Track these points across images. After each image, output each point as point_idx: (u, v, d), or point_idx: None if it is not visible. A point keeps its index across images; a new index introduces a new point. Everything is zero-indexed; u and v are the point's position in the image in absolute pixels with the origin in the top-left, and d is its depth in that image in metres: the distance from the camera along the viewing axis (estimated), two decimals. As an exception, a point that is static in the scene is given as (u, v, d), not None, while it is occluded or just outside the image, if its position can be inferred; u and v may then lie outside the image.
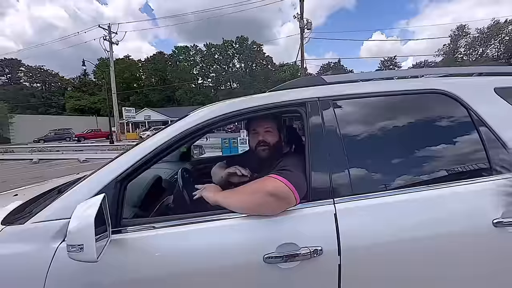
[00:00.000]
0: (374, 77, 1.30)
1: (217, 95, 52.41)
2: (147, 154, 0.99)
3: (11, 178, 7.77)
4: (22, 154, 14.58)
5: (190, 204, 1.19)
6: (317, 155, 1.01)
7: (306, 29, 17.84)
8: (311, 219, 0.94)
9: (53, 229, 0.88)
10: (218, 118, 1.07)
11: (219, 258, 0.90)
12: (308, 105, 1.08)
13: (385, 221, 0.95)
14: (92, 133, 32.07)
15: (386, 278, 0.94)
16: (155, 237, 0.92)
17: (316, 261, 0.89)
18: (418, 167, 1.06)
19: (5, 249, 0.87)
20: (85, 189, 0.93)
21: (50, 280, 0.84)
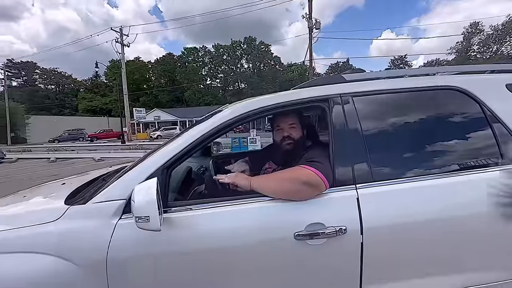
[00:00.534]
0: (390, 75, 1.40)
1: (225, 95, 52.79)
2: (188, 145, 1.12)
3: (34, 175, 8.14)
4: (40, 154, 15.15)
5: (222, 190, 1.32)
6: (340, 146, 1.12)
7: (315, 29, 17.83)
8: (336, 202, 1.06)
9: (112, 208, 1.03)
10: (249, 113, 1.19)
11: (254, 235, 1.03)
12: (331, 101, 1.19)
13: (402, 205, 1.06)
14: (104, 133, 32.88)
15: (403, 255, 1.05)
16: (192, 217, 1.05)
17: (341, 239, 1.01)
18: (431, 157, 1.16)
19: (72, 224, 1.02)
20: (138, 174, 1.07)
21: (112, 250, 0.98)
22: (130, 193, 1.01)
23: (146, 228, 0.90)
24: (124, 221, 1.01)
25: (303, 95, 1.23)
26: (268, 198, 1.08)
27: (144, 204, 0.88)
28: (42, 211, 1.14)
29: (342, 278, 1.06)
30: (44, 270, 0.96)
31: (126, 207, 1.03)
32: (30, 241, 0.99)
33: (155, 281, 1.02)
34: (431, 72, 1.44)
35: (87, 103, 51.19)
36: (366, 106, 1.21)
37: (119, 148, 16.59)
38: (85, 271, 0.97)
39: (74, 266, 0.97)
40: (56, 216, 1.03)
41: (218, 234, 1.03)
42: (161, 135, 29.54)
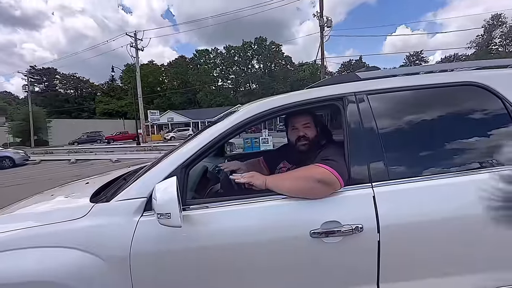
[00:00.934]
0: (405, 72, 1.38)
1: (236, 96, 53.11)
2: (205, 144, 1.15)
3: (56, 176, 8.54)
4: (61, 155, 15.84)
5: (237, 189, 1.35)
6: (355, 144, 1.12)
7: (326, 27, 17.63)
8: (352, 200, 1.06)
9: (133, 205, 1.07)
10: (263, 113, 1.21)
11: (270, 232, 1.04)
12: (346, 100, 1.19)
13: (419, 203, 1.05)
14: (120, 135, 33.93)
15: (421, 254, 1.04)
16: (210, 215, 1.09)
17: (358, 237, 1.01)
18: (450, 155, 1.13)
19: (98, 221, 1.07)
20: (158, 173, 1.11)
21: (134, 245, 1.02)
22: (150, 191, 1.06)
23: (167, 225, 0.94)
24: (146, 218, 1.06)
25: (317, 94, 1.23)
26: (283, 197, 1.10)
27: (165, 201, 0.92)
28: (70, 209, 1.21)
29: (359, 277, 1.06)
30: (72, 264, 1.02)
31: (147, 205, 1.07)
32: (59, 237, 1.06)
33: (175, 275, 1.06)
34: (449, 68, 1.41)
35: (104, 106, 53.02)
36: (382, 104, 1.20)
37: (135, 150, 17.09)
38: (110, 266, 1.02)
39: (100, 261, 1.02)
40: (83, 213, 1.09)
41: (234, 231, 1.06)
42: (175, 137, 30.14)
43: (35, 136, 31.08)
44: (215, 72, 57.53)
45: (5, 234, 1.11)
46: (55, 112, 43.97)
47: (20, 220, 1.21)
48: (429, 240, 1.03)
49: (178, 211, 0.92)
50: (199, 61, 58.26)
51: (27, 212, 1.32)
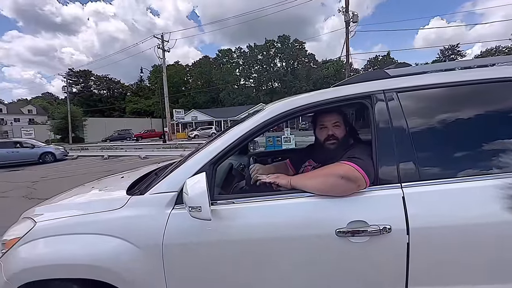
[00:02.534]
0: (439, 68, 1.31)
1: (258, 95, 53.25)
2: (233, 142, 1.19)
3: (92, 170, 9.20)
4: (95, 152, 17.00)
5: (262, 187, 1.38)
6: (384, 143, 1.10)
7: (352, 23, 17.05)
8: (379, 200, 1.04)
9: (166, 199, 1.15)
10: (290, 111, 1.22)
11: (294, 229, 1.06)
12: (374, 98, 1.16)
13: (451, 206, 1.00)
14: (147, 133, 35.63)
15: (454, 259, 0.99)
16: (236, 210, 1.12)
17: (385, 238, 0.99)
18: (485, 157, 1.06)
19: (134, 212, 1.16)
20: (188, 169, 1.17)
21: (166, 236, 1.09)
22: (181, 186, 1.12)
23: (198, 217, 0.99)
24: (177, 211, 1.12)
25: (344, 93, 1.22)
26: (308, 195, 1.10)
27: (196, 195, 0.98)
28: (109, 200, 1.32)
29: (387, 279, 1.03)
30: (111, 250, 1.12)
31: (178, 198, 1.14)
32: (100, 225, 1.16)
33: (202, 265, 1.12)
34: (489, 63, 1.31)
35: (133, 106, 55.97)
36: (413, 102, 1.15)
37: (161, 147, 17.83)
38: (145, 254, 1.10)
39: (137, 249, 1.10)
40: (121, 204, 1.18)
41: (260, 227, 1.09)
42: (198, 135, 30.96)
43: (72, 134, 33.65)
44: (237, 71, 58.14)
45: (54, 221, 1.24)
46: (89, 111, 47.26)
47: (66, 209, 1.34)
48: (461, 245, 0.98)
49: (208, 205, 0.97)
50: (222, 61, 59.23)
51: (72, 202, 1.46)
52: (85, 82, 59.43)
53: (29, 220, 1.30)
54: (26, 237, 1.21)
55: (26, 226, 1.26)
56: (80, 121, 36.32)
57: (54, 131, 34.73)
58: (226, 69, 57.17)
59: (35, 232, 1.21)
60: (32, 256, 1.18)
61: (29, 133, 25.77)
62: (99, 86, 62.01)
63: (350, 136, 1.43)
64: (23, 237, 1.21)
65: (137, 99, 57.93)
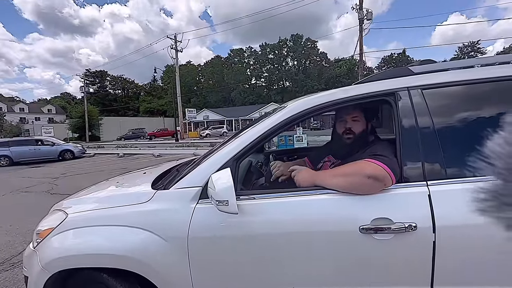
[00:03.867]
0: (462, 65, 1.28)
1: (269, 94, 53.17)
2: (255, 139, 1.21)
3: (109, 167, 9.51)
4: (111, 150, 17.53)
5: (281, 183, 1.40)
6: (408, 141, 1.09)
7: (366, 20, 16.72)
8: (405, 198, 1.03)
9: (191, 193, 1.18)
10: (310, 109, 1.22)
11: (317, 225, 1.07)
12: (398, 95, 1.15)
13: None
14: (160, 132, 36.35)
15: (481, 259, 0.97)
16: (258, 205, 1.14)
17: (411, 236, 0.98)
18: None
19: (160, 206, 1.20)
20: (212, 164, 1.21)
21: (192, 229, 1.13)
22: (205, 181, 1.15)
23: (225, 211, 1.02)
24: (202, 205, 1.15)
25: (366, 90, 1.21)
26: (329, 192, 1.10)
27: (223, 190, 1.01)
28: (136, 194, 1.37)
29: (411, 276, 1.03)
30: (139, 242, 1.16)
31: (202, 193, 1.17)
32: (128, 217, 1.21)
33: (226, 258, 1.15)
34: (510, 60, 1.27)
35: (146, 105, 57.23)
36: (438, 99, 1.13)
37: (174, 146, 18.15)
38: (172, 246, 1.14)
39: (163, 241, 1.15)
40: (148, 198, 1.23)
41: (281, 223, 1.10)
42: (210, 134, 31.30)
43: (89, 132, 34.82)
44: (248, 71, 58.27)
45: (85, 213, 1.30)
46: (105, 110, 48.74)
47: (95, 202, 1.40)
48: (490, 245, 0.96)
49: (235, 199, 1.00)
50: (233, 60, 59.52)
51: (100, 195, 1.53)
52: (101, 82, 61.36)
53: (61, 212, 1.38)
54: (59, 228, 1.28)
55: (59, 217, 1.34)
56: (96, 120, 37.57)
57: (72, 130, 36.10)
58: (237, 68, 57.44)
59: (68, 223, 1.28)
60: (64, 246, 1.24)
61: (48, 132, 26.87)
62: (114, 86, 63.87)
63: (370, 133, 1.41)
64: (56, 228, 1.29)
65: (150, 99, 59.25)
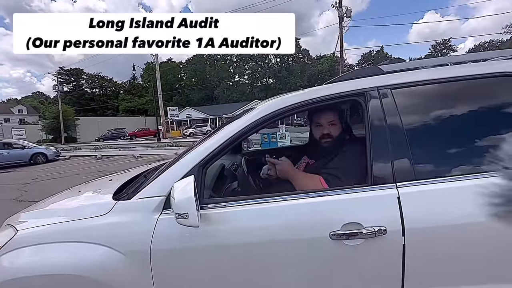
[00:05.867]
0: (433, 63, 1.28)
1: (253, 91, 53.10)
2: (222, 143, 1.14)
3: (85, 171, 9.06)
4: (88, 151, 16.76)
5: (256, 187, 1.34)
6: (378, 142, 1.06)
7: (346, 18, 17.02)
8: (374, 201, 1.01)
9: (153, 204, 1.10)
10: (282, 109, 1.17)
11: (288, 233, 1.02)
12: (368, 95, 1.13)
13: (448, 205, 0.98)
14: (142, 131, 35.28)
15: (451, 260, 0.97)
16: (228, 213, 1.08)
17: (381, 240, 0.96)
18: (479, 154, 1.04)
19: (120, 218, 1.11)
20: (176, 172, 1.12)
21: (154, 242, 1.05)
22: (169, 190, 1.07)
23: (185, 224, 0.94)
24: (165, 216, 1.07)
25: (337, 90, 1.18)
26: (301, 196, 1.07)
27: (183, 201, 0.93)
28: (95, 205, 1.26)
29: (382, 282, 1.01)
30: (97, 258, 1.07)
31: (165, 203, 1.09)
32: (86, 232, 1.10)
33: (192, 272, 1.08)
34: (482, 58, 1.29)
35: (126, 104, 55.29)
36: (407, 99, 1.12)
37: (155, 146, 17.67)
38: (132, 261, 1.06)
39: (122, 256, 1.06)
40: (107, 210, 1.13)
41: (252, 231, 1.05)
42: (193, 132, 30.79)
43: (64, 134, 33.13)
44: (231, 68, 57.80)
45: (38, 228, 1.18)
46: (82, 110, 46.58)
47: (51, 216, 1.28)
48: (459, 245, 0.96)
49: (196, 210, 0.92)
50: (216, 57, 58.70)
51: (57, 208, 1.40)
52: (76, 80, 58.36)
53: (11, 228, 1.24)
54: (7, 246, 1.15)
55: (7, 234, 1.20)
56: (72, 120, 35.77)
57: (46, 131, 34.12)
58: (220, 65, 56.73)
59: (17, 240, 1.16)
60: (14, 266, 1.12)
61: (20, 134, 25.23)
62: (91, 85, 60.98)
63: (345, 133, 1.41)
64: (4, 246, 1.15)
65: (130, 98, 57.22)
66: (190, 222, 0.93)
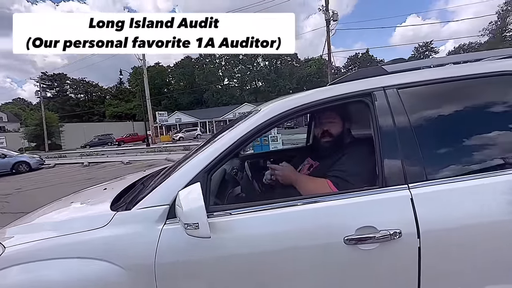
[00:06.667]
0: (434, 63, 1.29)
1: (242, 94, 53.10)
2: (228, 147, 1.10)
3: (71, 179, 8.71)
4: (74, 159, 16.19)
5: (260, 192, 1.30)
6: (387, 143, 1.04)
7: (332, 21, 17.33)
8: (387, 204, 0.98)
9: (156, 213, 1.03)
10: (286, 112, 1.14)
11: (300, 240, 0.98)
12: (374, 95, 1.11)
13: (463, 205, 0.96)
14: (130, 137, 34.48)
15: (469, 261, 0.95)
16: (234, 221, 1.02)
17: (396, 243, 0.93)
18: (491, 153, 1.04)
19: (120, 230, 1.03)
20: (180, 179, 1.06)
21: (159, 254, 0.98)
22: (173, 198, 1.01)
23: (196, 236, 0.89)
24: (169, 226, 1.01)
25: (342, 91, 1.16)
26: (310, 201, 1.03)
27: (192, 210, 0.87)
28: (91, 217, 1.18)
29: (398, 285, 0.98)
30: (96, 275, 0.99)
31: (169, 212, 1.03)
32: (82, 247, 1.02)
33: (201, 284, 1.02)
34: (473, 58, 1.31)
35: (113, 109, 53.98)
36: (414, 98, 1.11)
37: (145, 151, 17.29)
38: (135, 276, 0.98)
39: (123, 271, 0.98)
40: (105, 222, 1.05)
41: (263, 240, 1.00)
42: (183, 137, 30.39)
43: (48, 141, 31.92)
44: (220, 71, 57.64)
45: (28, 245, 1.09)
46: (66, 116, 45.11)
47: (41, 230, 1.18)
48: (476, 246, 0.94)
49: (206, 220, 0.87)
50: (204, 61, 58.42)
51: (48, 221, 1.31)
52: (60, 86, 56.52)
53: (-2, 245, 1.14)
54: (-6, 265, 1.05)
55: None
56: (57, 127, 34.52)
57: (28, 139, 32.78)
58: (209, 69, 56.45)
59: (5, 259, 1.06)
60: (4, 287, 1.02)
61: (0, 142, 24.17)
62: (75, 90, 59.19)
63: (347, 134, 1.39)
64: None
65: (118, 103, 55.89)
66: (201, 233, 0.87)
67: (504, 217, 0.93)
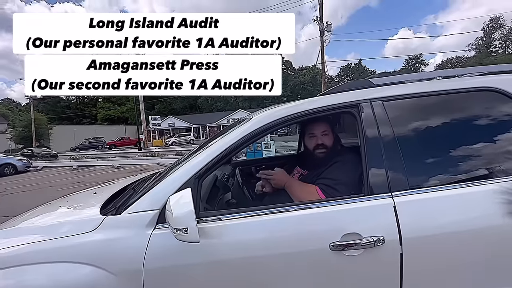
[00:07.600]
0: (420, 77, 1.35)
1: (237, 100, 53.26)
2: (219, 154, 1.12)
3: (59, 183, 8.51)
4: (63, 162, 15.84)
5: (250, 199, 1.32)
6: (372, 153, 1.09)
7: (326, 32, 17.74)
8: (372, 211, 1.02)
9: (146, 218, 1.04)
10: (277, 121, 1.18)
11: (287, 246, 1.01)
12: (361, 107, 1.16)
13: (443, 214, 1.01)
14: (122, 141, 34.00)
15: (447, 267, 0.99)
16: (224, 227, 1.04)
17: (379, 250, 0.97)
18: (471, 162, 1.10)
19: (109, 235, 1.04)
20: (170, 185, 1.08)
21: (148, 259, 0.99)
22: (163, 203, 1.03)
23: (185, 240, 0.90)
24: (159, 231, 1.02)
25: (330, 102, 1.21)
26: (299, 207, 1.06)
27: (182, 215, 0.89)
28: (80, 221, 1.17)
29: (381, 291, 1.01)
30: (82, 280, 0.98)
31: (159, 217, 1.04)
32: (70, 251, 1.02)
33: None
34: (459, 74, 1.38)
35: (105, 112, 53.27)
36: (399, 110, 1.17)
37: (136, 155, 17.07)
38: (123, 281, 0.98)
39: (112, 276, 0.98)
40: (94, 226, 1.06)
41: (251, 245, 1.02)
42: (176, 142, 30.15)
43: (37, 143, 31.12)
44: (216, 77, 57.76)
45: (13, 248, 1.07)
46: (56, 118, 44.20)
47: (28, 234, 1.17)
48: (456, 253, 0.99)
49: (196, 225, 0.89)
50: (199, 67, 58.50)
51: (35, 225, 1.29)
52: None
53: (-19, 249, 1.12)
54: (-23, 270, 1.03)
55: None
56: (46, 129, 33.78)
57: (16, 140, 31.93)
58: (204, 75, 56.53)
59: None
60: None
61: (-15, 143, 23.45)
62: (67, 92, 58.24)
63: (336, 144, 1.44)
64: None
65: (110, 106, 55.27)
66: (190, 238, 0.89)
67: (483, 225, 0.98)
